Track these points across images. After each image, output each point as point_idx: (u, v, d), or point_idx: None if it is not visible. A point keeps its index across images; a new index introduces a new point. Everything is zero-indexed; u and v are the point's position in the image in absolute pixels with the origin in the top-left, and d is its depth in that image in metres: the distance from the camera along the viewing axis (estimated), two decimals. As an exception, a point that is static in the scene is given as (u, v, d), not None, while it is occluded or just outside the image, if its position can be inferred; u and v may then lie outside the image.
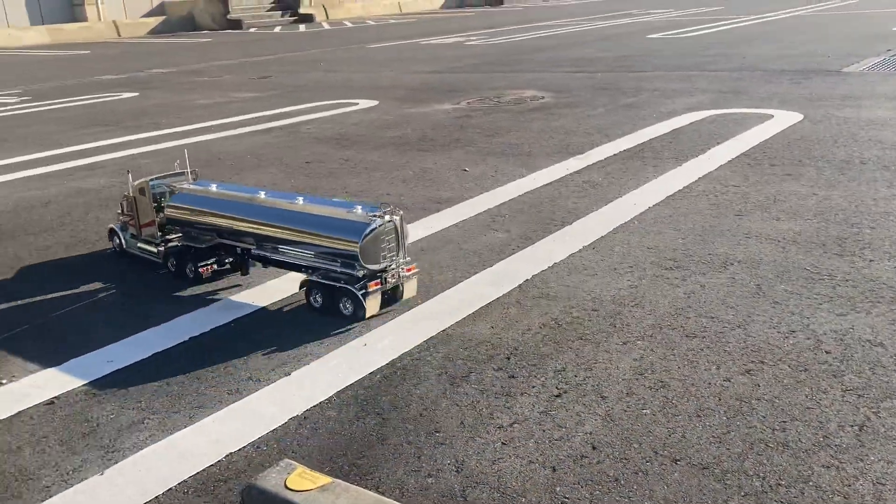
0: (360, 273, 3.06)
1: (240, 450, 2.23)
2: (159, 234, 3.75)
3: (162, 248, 3.70)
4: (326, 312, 3.13)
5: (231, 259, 3.60)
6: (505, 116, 7.47)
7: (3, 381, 2.72)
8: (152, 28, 27.13)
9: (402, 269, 3.17)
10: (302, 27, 26.90)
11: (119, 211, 3.97)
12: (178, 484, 2.09)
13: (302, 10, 30.08)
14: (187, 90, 10.99)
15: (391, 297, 3.19)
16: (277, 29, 26.62)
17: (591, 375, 2.54)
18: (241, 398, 2.53)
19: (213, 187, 3.70)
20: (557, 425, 2.27)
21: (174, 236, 3.73)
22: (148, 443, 2.30)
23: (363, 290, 3.03)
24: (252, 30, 26.70)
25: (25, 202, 5.23)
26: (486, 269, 3.52)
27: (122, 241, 3.98)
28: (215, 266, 3.57)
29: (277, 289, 3.44)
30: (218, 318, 3.15)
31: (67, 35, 24.83)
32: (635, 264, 3.49)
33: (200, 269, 3.53)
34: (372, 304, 3.07)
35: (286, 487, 1.85)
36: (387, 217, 3.08)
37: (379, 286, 3.07)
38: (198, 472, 2.13)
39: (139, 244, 3.86)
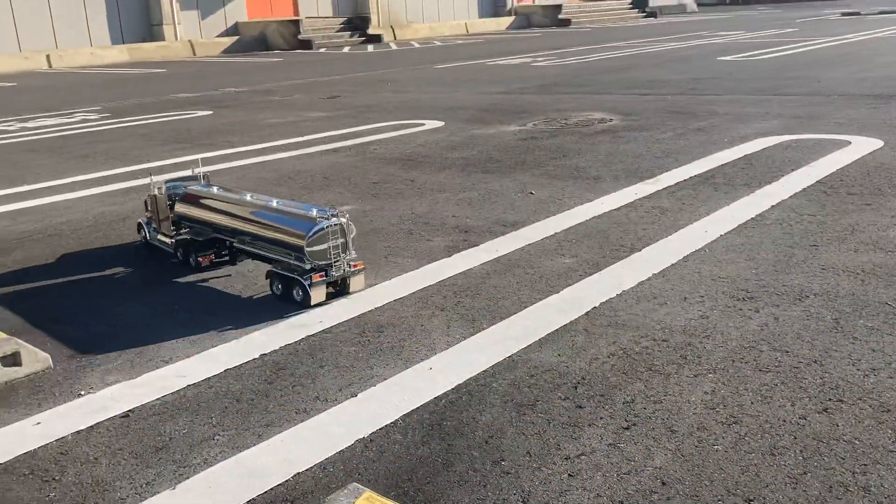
0: (308, 266, 3.51)
1: (307, 470, 2.25)
2: (173, 228, 4.32)
3: (173, 241, 4.24)
4: (284, 299, 3.58)
5: (225, 251, 4.13)
6: (572, 139, 7.43)
7: (82, 393, 2.81)
8: (226, 47, 27.95)
9: (348, 264, 3.60)
10: (370, 47, 27.35)
11: (145, 208, 4.55)
12: (247, 502, 2.12)
13: (370, 31, 30.60)
14: (259, 109, 11.27)
15: (341, 289, 3.62)
16: (346, 49, 27.13)
17: (661, 408, 2.49)
18: (308, 417, 2.56)
19: (214, 190, 4.27)
20: (626, 459, 2.23)
21: (184, 231, 4.29)
22: (218, 459, 2.34)
23: (309, 281, 3.45)
24: (322, 50, 27.27)
25: (105, 217, 5.42)
26: (552, 295, 3.49)
27: (147, 233, 4.54)
28: (213, 257, 4.12)
29: (345, 309, 3.48)
30: (288, 336, 3.21)
31: (145, 54, 25.77)
32: (706, 294, 3.42)
33: (200, 259, 4.08)
34: (316, 294, 3.50)
35: (353, 511, 1.86)
36: (333, 219, 3.54)
37: (323, 278, 3.51)
38: (266, 491, 2.16)
39: (158, 236, 4.42)
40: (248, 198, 4.01)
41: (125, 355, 3.12)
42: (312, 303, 3.48)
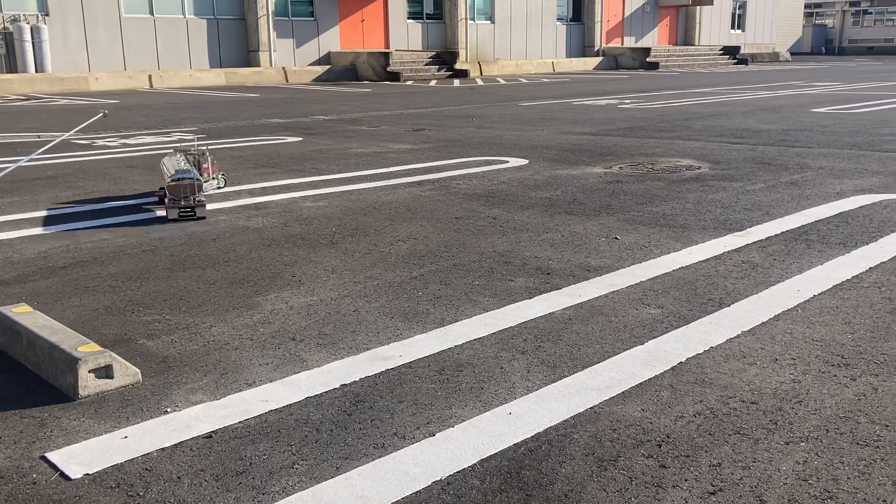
0: (169, 197, 6.06)
1: (384, 508, 2.24)
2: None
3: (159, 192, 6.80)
4: (165, 217, 6.12)
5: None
6: (659, 185, 7.32)
7: (168, 410, 2.88)
8: (317, 76, 28.76)
9: (195, 200, 6.02)
10: (456, 82, 27.70)
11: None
12: (324, 536, 2.12)
13: (457, 66, 31.02)
14: (347, 138, 11.52)
15: (193, 214, 6.06)
16: (433, 83, 27.54)
17: (749, 475, 2.40)
18: (386, 454, 2.55)
19: (166, 160, 6.85)
20: (712, 526, 2.14)
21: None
22: (296, 489, 2.35)
23: (170, 205, 6.05)
24: (409, 82, 27.77)
25: (196, 237, 5.60)
26: (637, 347, 3.42)
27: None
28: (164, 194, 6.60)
29: (425, 344, 3.49)
30: (368, 368, 3.22)
31: (240, 78, 26.74)
32: (798, 357, 3.29)
33: (160, 195, 6.69)
34: (171, 213, 6.04)
35: (431, 557, 1.85)
36: (186, 174, 6.01)
37: (175, 205, 6.02)
38: (342, 526, 2.16)
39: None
40: (164, 162, 6.76)
41: (210, 376, 3.19)
42: (168, 218, 6.02)
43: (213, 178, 7.30)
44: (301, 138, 11.52)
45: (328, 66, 29.33)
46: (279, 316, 3.89)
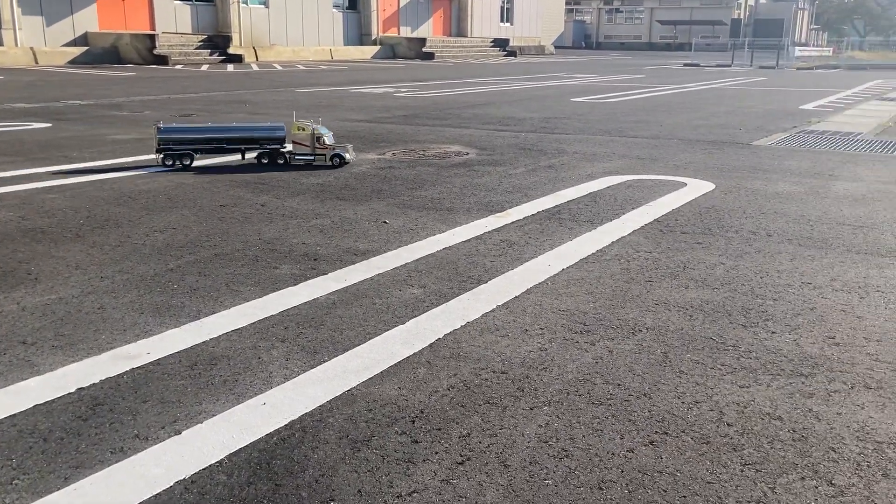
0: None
1: (117, 517, 2.07)
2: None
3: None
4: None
5: None
6: (429, 170, 7.49)
7: None
8: (73, 58, 26.44)
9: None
10: (230, 67, 26.69)
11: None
12: (44, 555, 1.91)
13: (231, 50, 29.90)
14: (105, 124, 10.67)
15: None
16: (205, 67, 26.33)
17: (496, 442, 2.49)
18: (124, 458, 2.37)
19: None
20: (458, 495, 2.19)
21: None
22: (15, 506, 2.11)
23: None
24: (179, 67, 26.34)
25: (-88, 233, 4.90)
26: (398, 327, 3.45)
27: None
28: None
29: (178, 339, 3.29)
30: (109, 369, 2.98)
31: (-18, 59, 23.96)
32: (546, 327, 3.49)
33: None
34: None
35: (160, 562, 1.73)
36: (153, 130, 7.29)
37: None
38: (67, 542, 1.96)
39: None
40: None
41: (-83, 389, 2.79)
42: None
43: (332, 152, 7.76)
44: (50, 124, 10.51)
45: (86, 48, 27.07)
46: (8, 318, 3.49)
